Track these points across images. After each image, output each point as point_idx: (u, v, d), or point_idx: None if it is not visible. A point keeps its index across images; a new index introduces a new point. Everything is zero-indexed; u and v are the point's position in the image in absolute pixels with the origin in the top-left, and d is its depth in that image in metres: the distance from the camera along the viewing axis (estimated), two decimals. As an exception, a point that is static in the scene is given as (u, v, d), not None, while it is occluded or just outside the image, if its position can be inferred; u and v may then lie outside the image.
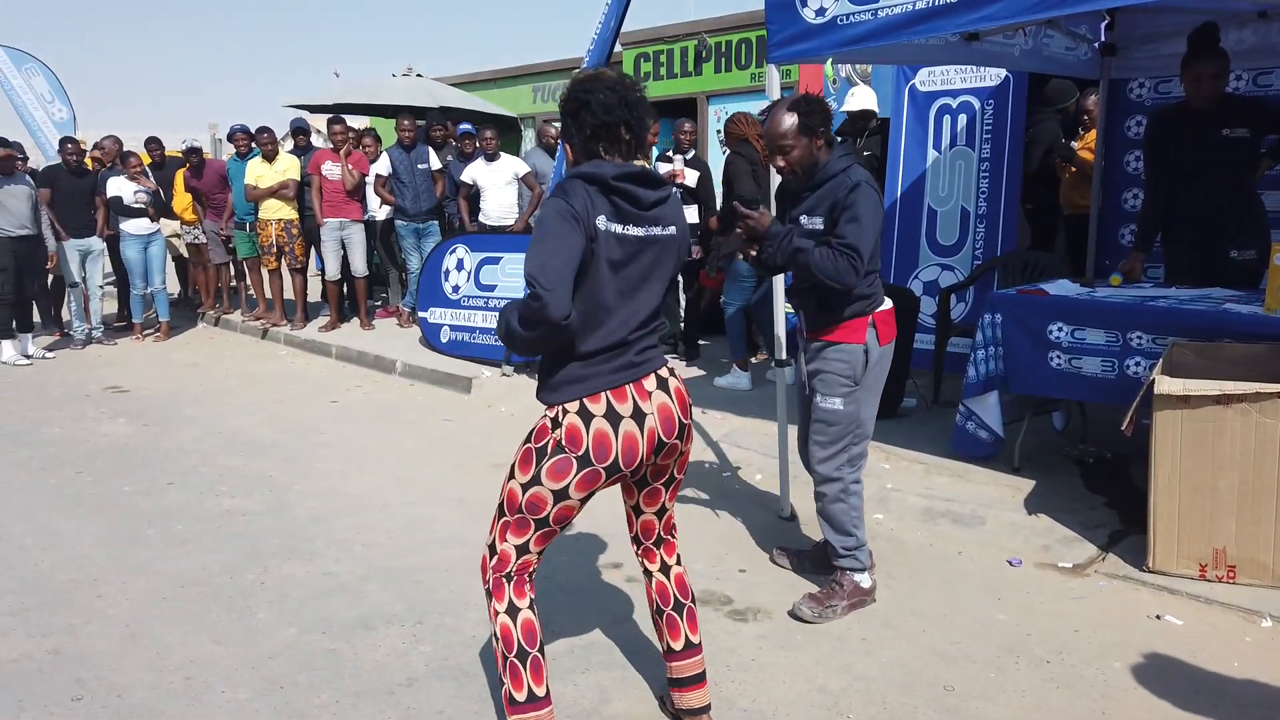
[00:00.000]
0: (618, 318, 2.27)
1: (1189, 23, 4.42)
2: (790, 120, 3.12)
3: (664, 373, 2.38)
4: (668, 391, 2.35)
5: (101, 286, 9.01)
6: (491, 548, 2.38)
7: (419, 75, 11.78)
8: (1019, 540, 3.85)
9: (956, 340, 5.64)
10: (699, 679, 2.55)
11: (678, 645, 2.54)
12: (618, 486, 2.47)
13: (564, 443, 2.24)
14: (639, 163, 2.38)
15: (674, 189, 2.42)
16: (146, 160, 9.44)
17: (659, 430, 2.31)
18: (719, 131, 8.45)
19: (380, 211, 8.88)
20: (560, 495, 2.26)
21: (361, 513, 4.30)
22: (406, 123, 8.55)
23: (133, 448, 5.46)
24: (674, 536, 2.60)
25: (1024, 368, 4.22)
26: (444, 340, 7.52)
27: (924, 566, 3.68)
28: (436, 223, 8.64)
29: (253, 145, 8.90)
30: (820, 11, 3.66)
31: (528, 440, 2.33)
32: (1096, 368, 3.99)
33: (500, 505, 2.36)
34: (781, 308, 4.18)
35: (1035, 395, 4.34)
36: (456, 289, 7.46)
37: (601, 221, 2.21)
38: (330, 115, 9.19)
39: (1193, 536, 3.35)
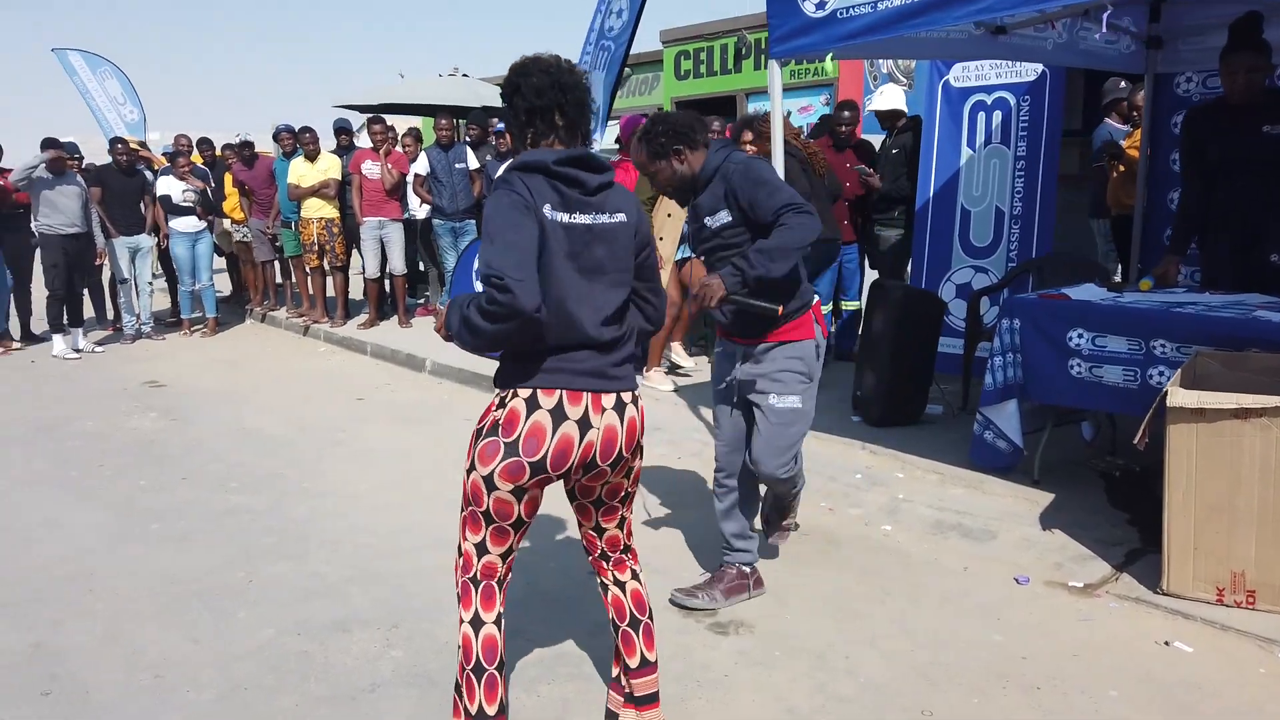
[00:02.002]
0: (580, 314, 2.19)
1: (1237, 13, 4.17)
2: (641, 151, 3.10)
3: (628, 397, 2.29)
4: (622, 417, 2.26)
5: (150, 282, 9.24)
6: (459, 548, 2.33)
7: (464, 75, 11.85)
8: (1030, 556, 3.66)
9: (988, 345, 5.42)
10: (653, 699, 2.45)
11: (633, 662, 2.45)
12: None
13: (500, 424, 2.17)
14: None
15: (615, 181, 2.32)
16: (198, 160, 9.68)
17: (597, 447, 2.22)
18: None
19: (420, 210, 8.95)
20: (489, 483, 2.16)
21: (358, 513, 4.30)
22: (444, 122, 8.60)
23: (156, 442, 5.57)
24: (626, 555, 2.51)
25: (1043, 376, 4.02)
26: (474, 339, 7.50)
27: (925, 582, 3.52)
28: (474, 221, 8.66)
29: (297, 145, 9.05)
30: (820, 5, 3.54)
31: (478, 419, 2.28)
32: (1118, 377, 3.78)
33: (462, 493, 2.29)
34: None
35: (1055, 404, 4.14)
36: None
37: (548, 211, 2.14)
38: (371, 115, 9.29)
39: (1209, 558, 3.14)
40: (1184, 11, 5.10)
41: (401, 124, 12.04)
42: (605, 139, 6.29)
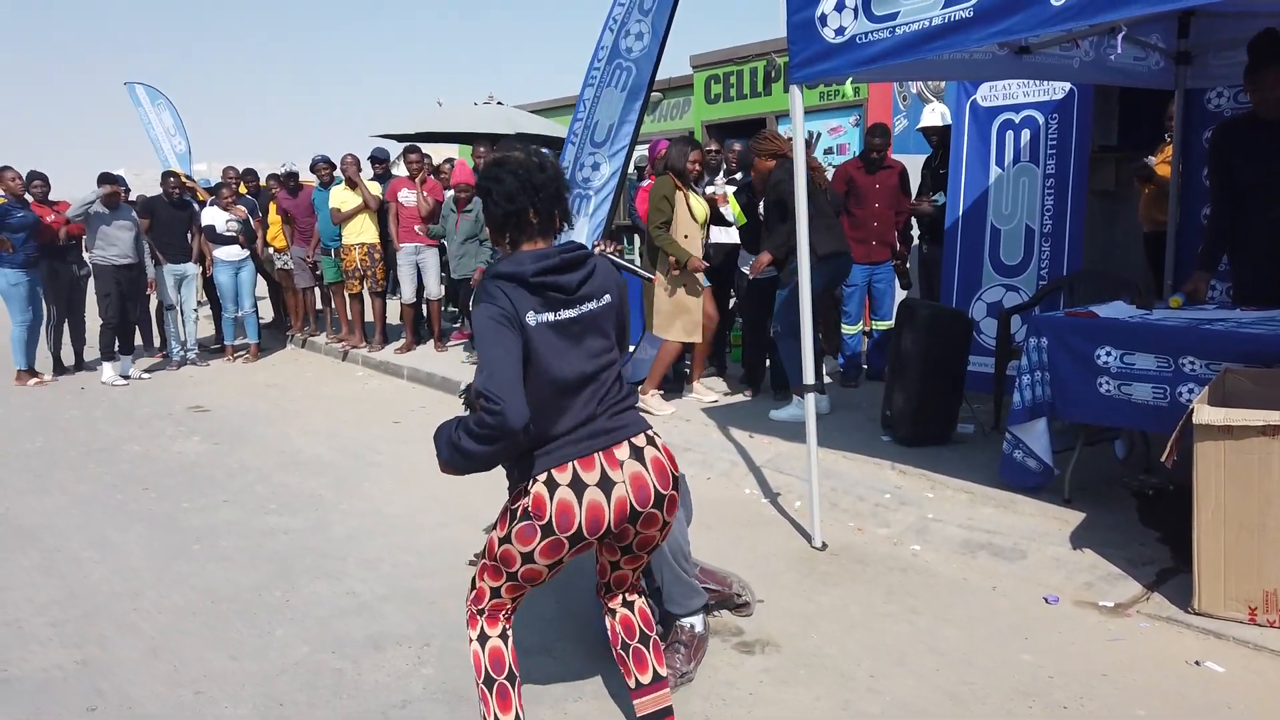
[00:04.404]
0: (580, 396, 2.26)
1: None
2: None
3: (640, 440, 2.34)
4: (643, 460, 2.31)
5: (195, 310, 9.49)
6: (473, 582, 2.44)
7: (499, 103, 12.03)
8: (1060, 576, 3.64)
9: (1019, 363, 5.41)
10: (668, 712, 2.50)
11: (645, 678, 2.49)
12: None
13: (530, 510, 2.23)
14: (560, 239, 2.35)
15: (595, 261, 2.34)
16: (242, 190, 9.95)
17: (630, 499, 2.27)
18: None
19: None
20: (527, 558, 2.26)
21: (395, 533, 4.39)
22: (482, 150, 8.74)
23: (200, 465, 5.72)
24: (636, 583, 2.58)
25: (1071, 394, 4.00)
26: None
27: (953, 601, 3.52)
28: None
29: (334, 175, 9.28)
30: (840, 31, 3.59)
31: (509, 499, 2.34)
32: (1147, 394, 3.76)
33: (486, 546, 2.39)
34: (810, 330, 4.09)
35: (1084, 423, 4.12)
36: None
37: (531, 318, 2.19)
38: (407, 144, 9.49)
39: (1241, 577, 3.11)
40: (1213, 26, 5.09)
41: (438, 152, 12.28)
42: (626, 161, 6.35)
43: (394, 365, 8.60)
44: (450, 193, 8.51)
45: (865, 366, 6.88)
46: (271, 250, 10.07)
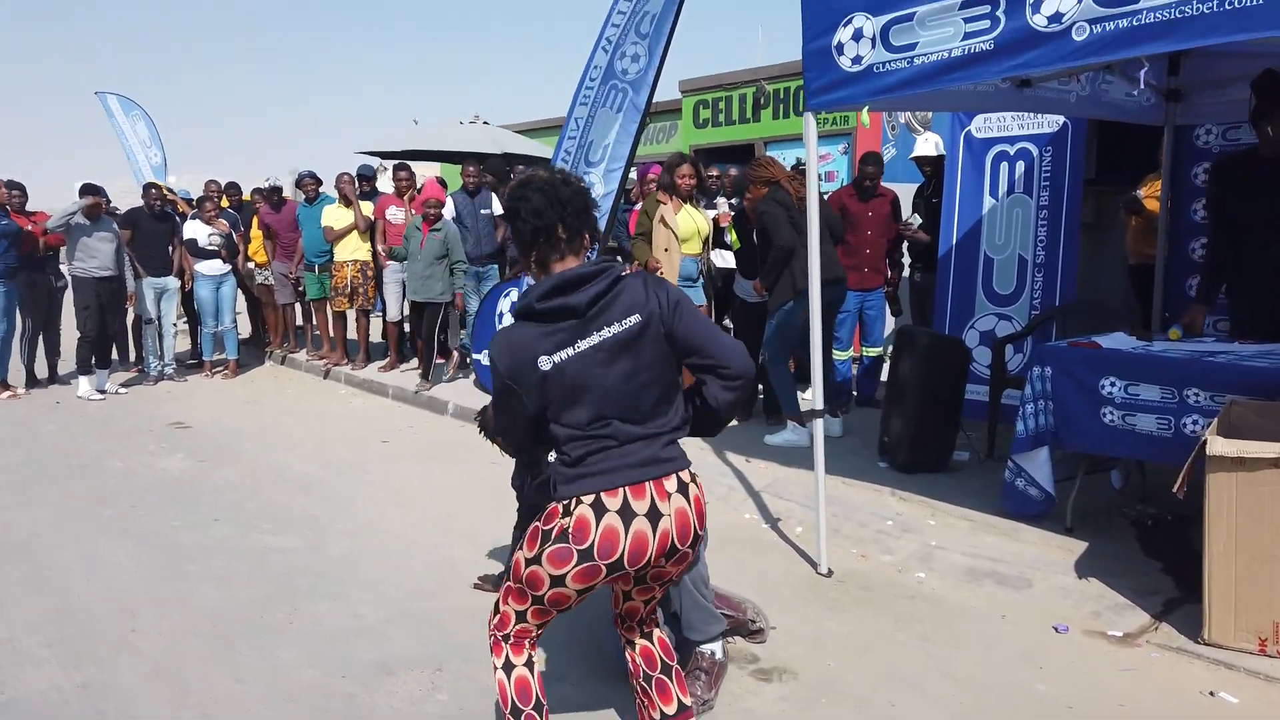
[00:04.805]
0: (615, 426, 2.23)
1: (1257, 67, 4.27)
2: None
3: (686, 476, 2.32)
4: (687, 497, 2.29)
5: (175, 324, 9.33)
6: (496, 605, 2.40)
7: (485, 123, 12.03)
8: (1068, 605, 3.67)
9: (1012, 392, 5.46)
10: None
11: (670, 709, 2.46)
12: None
13: (570, 532, 2.19)
14: (582, 257, 2.34)
15: (623, 281, 2.26)
16: (225, 204, 9.83)
17: (673, 534, 2.25)
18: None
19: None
20: (557, 581, 2.23)
21: (393, 553, 4.32)
22: (471, 169, 8.73)
23: (186, 482, 5.61)
24: (655, 614, 2.56)
25: (1075, 423, 4.05)
26: (496, 382, 7.56)
27: (963, 628, 3.53)
28: (496, 266, 8.77)
29: (320, 191, 9.20)
30: (856, 60, 3.63)
31: (537, 517, 2.31)
32: (1151, 425, 3.81)
33: (508, 568, 2.35)
34: (819, 354, 4.11)
35: (1087, 452, 4.16)
36: (510, 332, 7.51)
37: (544, 362, 2.18)
38: (396, 162, 9.45)
39: (1252, 608, 3.15)
40: (1203, 65, 5.20)
41: (420, 170, 12.23)
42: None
43: (378, 384, 8.50)
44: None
45: (855, 393, 6.91)
46: (252, 265, 9.95)
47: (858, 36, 3.62)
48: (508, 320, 7.55)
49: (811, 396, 4.25)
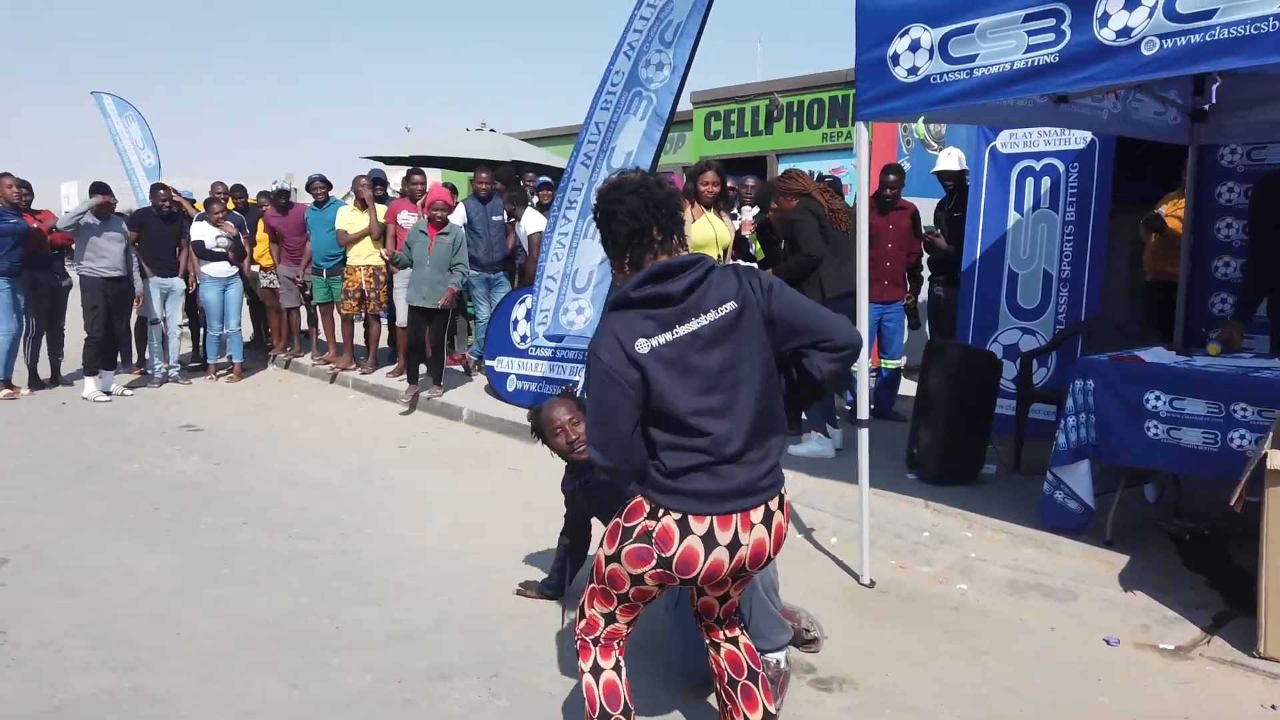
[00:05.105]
0: (715, 429, 2.18)
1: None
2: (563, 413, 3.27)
3: (774, 504, 2.30)
4: (769, 527, 2.28)
5: (180, 326, 9.24)
6: (581, 610, 2.38)
7: (491, 130, 12.01)
8: (1115, 618, 3.66)
9: (1038, 406, 5.49)
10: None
11: (756, 716, 2.43)
12: None
13: (654, 537, 2.20)
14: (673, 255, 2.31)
15: (715, 271, 2.26)
16: (231, 206, 9.75)
17: (747, 559, 2.27)
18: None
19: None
20: (637, 580, 2.24)
21: (425, 559, 4.27)
22: (483, 175, 8.71)
23: (206, 485, 5.53)
24: (737, 616, 2.54)
25: (1118, 437, 4.05)
26: (510, 389, 7.54)
27: (1013, 642, 3.52)
28: (505, 274, 8.74)
29: (330, 195, 9.15)
30: (913, 70, 3.63)
31: (619, 513, 2.29)
32: (1197, 439, 3.82)
33: (592, 568, 2.33)
34: (865, 364, 4.11)
35: (1130, 466, 4.17)
36: (525, 338, 7.49)
37: (642, 346, 2.15)
38: (410, 168, 9.40)
39: (1309, 622, 3.15)
40: (1228, 86, 5.25)
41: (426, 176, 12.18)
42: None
43: (389, 389, 8.43)
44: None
45: (873, 405, 6.91)
46: (257, 268, 9.87)
47: (914, 47, 3.63)
48: (523, 328, 7.53)
49: (854, 405, 4.24)
